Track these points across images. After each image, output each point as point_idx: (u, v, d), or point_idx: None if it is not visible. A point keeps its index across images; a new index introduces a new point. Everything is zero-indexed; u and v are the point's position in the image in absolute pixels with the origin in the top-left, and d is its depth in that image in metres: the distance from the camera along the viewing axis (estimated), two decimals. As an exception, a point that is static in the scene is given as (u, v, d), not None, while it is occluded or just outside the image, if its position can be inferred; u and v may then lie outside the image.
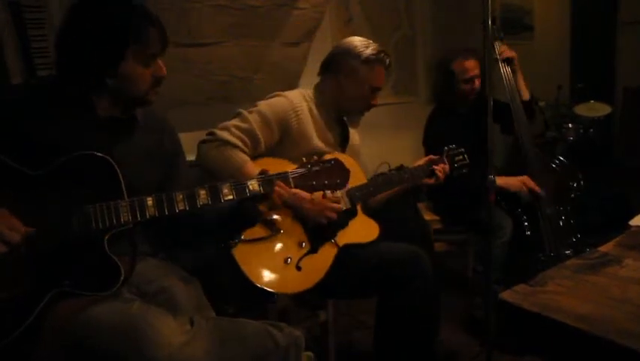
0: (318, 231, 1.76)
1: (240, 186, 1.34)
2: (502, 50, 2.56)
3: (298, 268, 1.67)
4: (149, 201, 1.24)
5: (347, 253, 1.79)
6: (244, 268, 1.57)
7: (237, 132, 1.74)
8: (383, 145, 3.46)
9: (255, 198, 1.38)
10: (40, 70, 2.22)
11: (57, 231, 1.17)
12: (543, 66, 3.95)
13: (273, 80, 2.96)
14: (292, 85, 2.97)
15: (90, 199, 1.20)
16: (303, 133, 1.87)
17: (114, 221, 1.20)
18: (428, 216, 2.77)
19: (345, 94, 1.97)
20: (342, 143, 2.08)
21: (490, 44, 2.58)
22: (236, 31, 2.76)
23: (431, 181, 2.07)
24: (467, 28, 3.48)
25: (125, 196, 1.22)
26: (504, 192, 2.45)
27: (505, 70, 2.54)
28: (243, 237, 1.62)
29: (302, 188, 1.43)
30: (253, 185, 1.35)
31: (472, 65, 2.54)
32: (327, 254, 1.75)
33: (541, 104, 3.18)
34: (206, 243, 1.57)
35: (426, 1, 3.79)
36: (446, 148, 2.15)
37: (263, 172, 1.40)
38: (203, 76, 2.73)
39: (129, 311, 1.17)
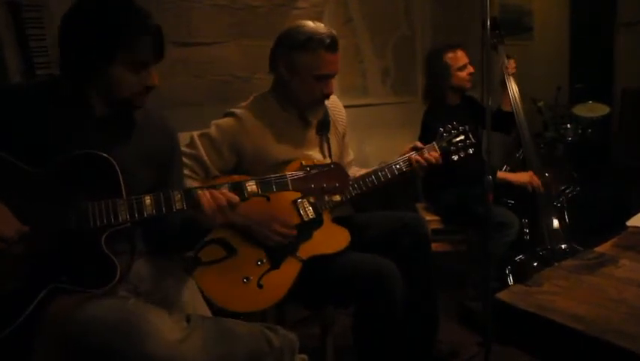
0: (277, 247, 1.69)
1: (237, 187, 1.34)
2: (511, 65, 2.70)
3: (259, 286, 1.64)
4: (147, 200, 1.24)
5: (312, 266, 1.70)
6: (204, 290, 1.54)
7: (185, 160, 1.68)
8: (382, 145, 3.45)
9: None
10: (39, 69, 2.21)
11: (54, 227, 1.17)
12: (542, 67, 3.95)
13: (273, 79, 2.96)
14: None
15: (89, 198, 1.20)
16: (259, 148, 1.77)
17: (112, 219, 1.20)
18: (427, 217, 2.76)
19: (290, 88, 1.78)
20: (321, 130, 1.91)
21: (493, 48, 2.66)
22: (236, 31, 2.77)
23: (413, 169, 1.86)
24: (467, 28, 3.49)
25: (124, 195, 1.22)
26: (511, 190, 2.49)
27: (510, 83, 2.68)
28: (202, 260, 1.61)
29: (300, 191, 1.41)
30: (251, 186, 1.35)
31: (461, 54, 2.68)
32: (289, 269, 1.68)
33: (540, 104, 3.21)
34: (170, 247, 1.55)
35: (425, 1, 3.78)
36: (441, 129, 1.93)
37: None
38: (203, 76, 2.73)
39: (125, 308, 1.17)
